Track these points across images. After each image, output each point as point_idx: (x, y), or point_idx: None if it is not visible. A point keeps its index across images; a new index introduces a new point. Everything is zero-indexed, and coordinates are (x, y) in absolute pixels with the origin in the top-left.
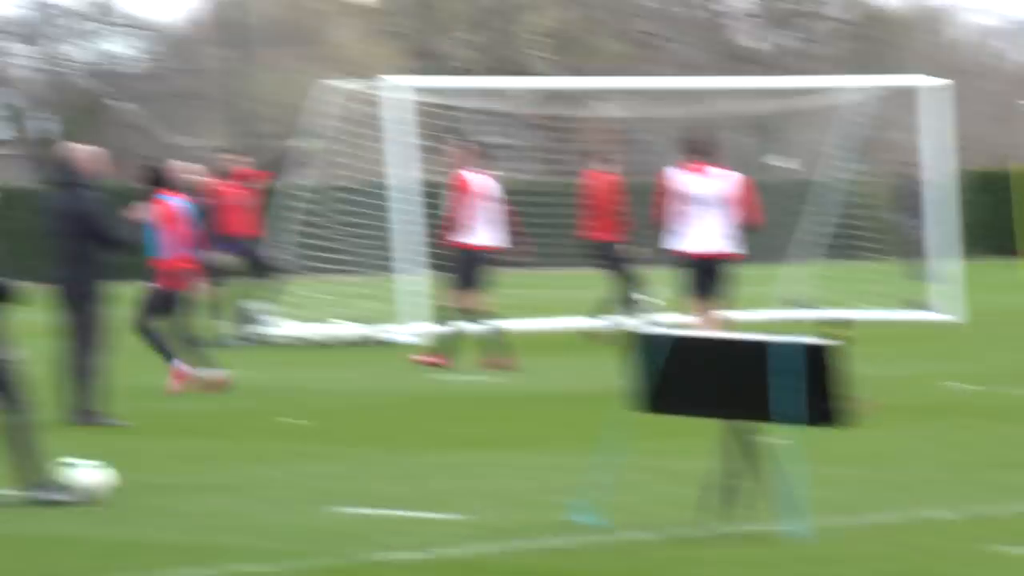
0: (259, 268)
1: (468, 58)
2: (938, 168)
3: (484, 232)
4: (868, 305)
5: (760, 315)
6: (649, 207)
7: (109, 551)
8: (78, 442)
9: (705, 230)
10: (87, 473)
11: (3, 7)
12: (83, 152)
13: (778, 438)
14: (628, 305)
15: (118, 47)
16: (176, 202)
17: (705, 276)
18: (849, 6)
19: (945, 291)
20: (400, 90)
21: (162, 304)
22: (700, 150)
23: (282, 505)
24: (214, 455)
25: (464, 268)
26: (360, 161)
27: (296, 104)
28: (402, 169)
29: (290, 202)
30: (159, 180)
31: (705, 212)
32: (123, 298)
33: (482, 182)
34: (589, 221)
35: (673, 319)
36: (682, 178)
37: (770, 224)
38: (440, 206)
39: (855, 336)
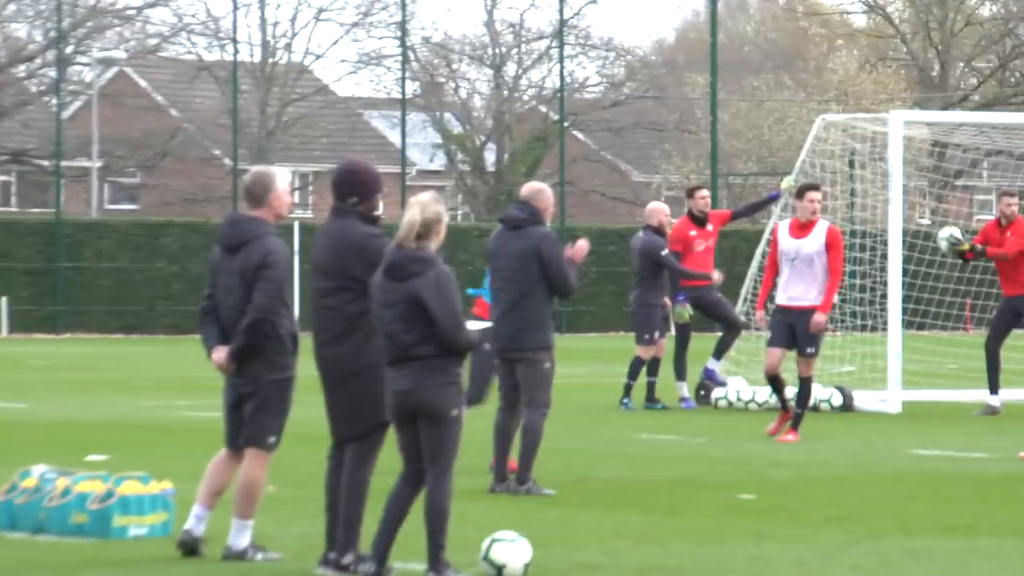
0: (722, 321)
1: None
2: None
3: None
4: None
5: None
6: None
7: None
8: (501, 513)
9: None
10: (501, 548)
11: (457, 26)
12: (541, 190)
13: None
14: None
15: (578, 70)
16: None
17: None
18: None
19: None
20: (911, 126)
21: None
22: None
23: None
24: (656, 532)
25: None
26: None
27: (771, 137)
28: (898, 215)
29: (763, 248)
30: None
31: None
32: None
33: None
34: None
35: None
36: None
37: None
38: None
39: None
